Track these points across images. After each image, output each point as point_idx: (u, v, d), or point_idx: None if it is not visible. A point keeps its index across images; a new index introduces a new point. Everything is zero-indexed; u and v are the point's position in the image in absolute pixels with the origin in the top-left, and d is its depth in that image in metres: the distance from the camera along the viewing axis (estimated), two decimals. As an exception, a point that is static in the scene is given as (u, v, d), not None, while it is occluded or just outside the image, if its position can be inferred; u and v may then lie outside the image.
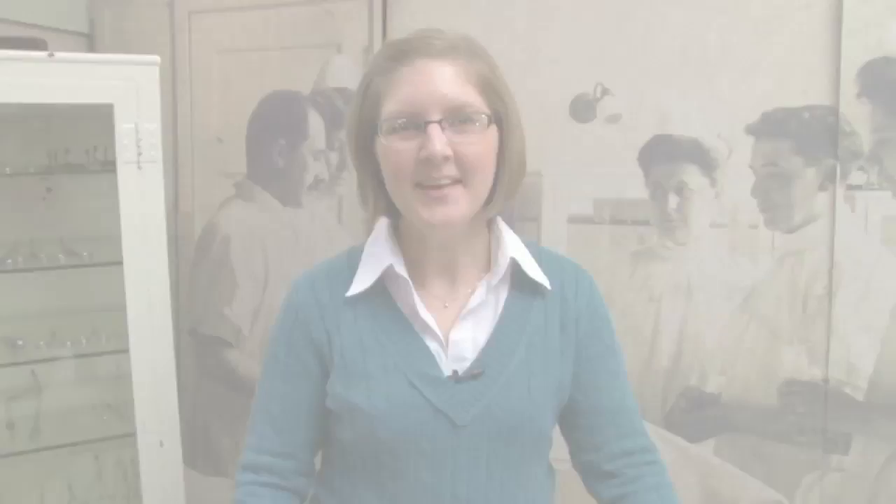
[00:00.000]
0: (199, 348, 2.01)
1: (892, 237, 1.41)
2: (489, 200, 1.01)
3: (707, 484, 1.57)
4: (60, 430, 1.76)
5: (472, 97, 0.96)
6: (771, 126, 1.48)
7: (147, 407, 1.58)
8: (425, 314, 1.01)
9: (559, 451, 1.12)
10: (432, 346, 1.01)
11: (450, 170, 0.95)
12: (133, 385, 1.57)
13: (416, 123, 0.94)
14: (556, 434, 1.10)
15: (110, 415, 1.84)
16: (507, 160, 1.00)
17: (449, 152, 0.94)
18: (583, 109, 1.61)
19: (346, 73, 1.80)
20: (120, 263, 1.55)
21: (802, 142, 1.46)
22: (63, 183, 1.85)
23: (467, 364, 1.01)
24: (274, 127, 1.88)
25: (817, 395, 1.47)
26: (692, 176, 1.54)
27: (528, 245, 1.08)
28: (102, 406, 1.86)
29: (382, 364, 1.01)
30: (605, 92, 1.60)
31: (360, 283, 1.04)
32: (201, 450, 2.04)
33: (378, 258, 1.04)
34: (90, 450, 1.81)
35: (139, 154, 1.53)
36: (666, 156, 1.56)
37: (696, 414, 1.57)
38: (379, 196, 1.03)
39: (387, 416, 0.99)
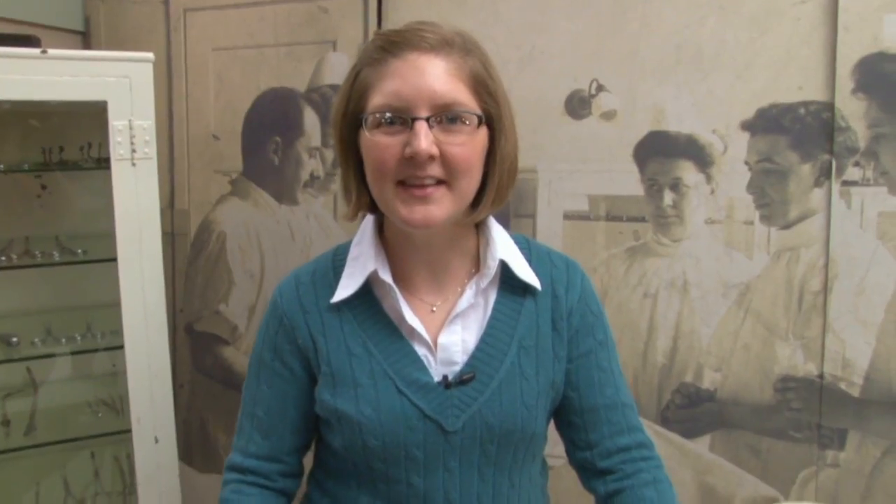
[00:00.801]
0: (195, 345, 2.01)
1: (888, 233, 1.41)
2: (476, 203, 0.97)
3: (702, 480, 1.57)
4: (56, 426, 1.76)
5: (462, 95, 0.92)
6: (766, 122, 1.48)
7: (142, 403, 1.58)
8: (412, 318, 0.99)
9: (554, 447, 1.12)
10: (420, 350, 0.99)
11: (434, 170, 0.91)
12: (128, 382, 1.57)
13: (402, 119, 0.91)
14: (552, 431, 1.09)
15: (106, 411, 1.83)
16: (497, 164, 0.96)
17: (435, 151, 0.90)
18: (578, 106, 1.61)
19: (342, 70, 1.80)
20: (115, 260, 1.54)
21: (798, 138, 1.46)
22: (58, 180, 1.85)
23: (457, 368, 0.99)
24: (269, 124, 1.88)
25: (813, 391, 1.47)
26: (687, 172, 1.54)
27: (518, 240, 1.06)
28: (98, 403, 1.86)
29: (370, 371, 0.98)
30: (600, 88, 1.60)
31: (345, 289, 1.01)
32: (197, 446, 2.03)
33: (363, 263, 1.01)
34: (86, 446, 1.80)
35: (133, 151, 1.53)
36: (661, 152, 1.55)
37: (692, 410, 1.57)
38: (362, 191, 0.99)
39: (375, 423, 0.97)
